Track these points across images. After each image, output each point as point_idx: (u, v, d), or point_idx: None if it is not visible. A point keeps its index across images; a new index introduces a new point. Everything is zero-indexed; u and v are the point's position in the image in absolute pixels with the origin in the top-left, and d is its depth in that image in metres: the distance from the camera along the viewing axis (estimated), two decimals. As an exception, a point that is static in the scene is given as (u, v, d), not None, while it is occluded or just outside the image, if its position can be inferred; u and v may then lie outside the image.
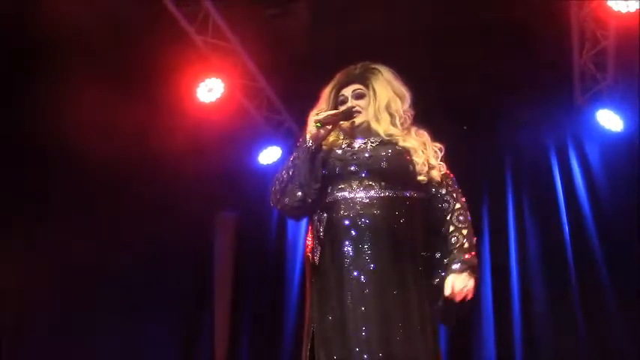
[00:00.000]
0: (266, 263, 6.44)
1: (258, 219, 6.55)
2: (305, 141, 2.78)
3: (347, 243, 2.69)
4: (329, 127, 2.81)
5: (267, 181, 6.30)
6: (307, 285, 2.81)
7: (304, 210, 2.78)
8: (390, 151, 2.81)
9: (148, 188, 5.75)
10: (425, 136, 2.93)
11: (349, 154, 2.83)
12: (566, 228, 5.74)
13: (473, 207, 6.10)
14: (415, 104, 3.01)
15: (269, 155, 6.61)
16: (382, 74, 2.96)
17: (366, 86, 2.94)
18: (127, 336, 5.60)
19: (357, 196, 2.73)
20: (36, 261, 5.16)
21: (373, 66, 3.00)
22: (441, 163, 2.88)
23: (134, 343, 5.62)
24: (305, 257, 2.85)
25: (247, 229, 6.62)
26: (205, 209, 6.42)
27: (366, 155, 2.80)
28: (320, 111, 2.86)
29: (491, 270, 5.82)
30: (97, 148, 5.19)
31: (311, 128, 2.78)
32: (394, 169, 2.78)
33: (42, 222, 5.36)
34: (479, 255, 5.90)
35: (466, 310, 2.77)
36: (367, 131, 2.91)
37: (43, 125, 5.13)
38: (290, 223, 6.43)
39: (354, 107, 2.90)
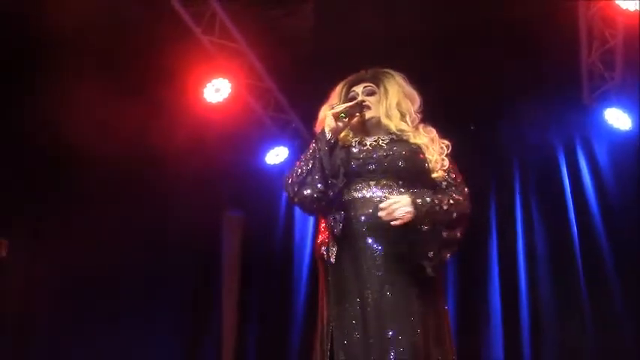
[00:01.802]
0: (273, 263, 6.44)
1: (264, 219, 6.56)
2: (324, 134, 2.79)
3: (365, 242, 2.71)
4: (346, 119, 2.84)
5: (274, 181, 6.39)
6: (321, 284, 2.81)
7: (323, 202, 2.76)
8: (405, 149, 2.85)
9: (153, 188, 5.75)
10: (433, 132, 2.97)
11: (364, 152, 2.86)
12: (575, 227, 5.71)
13: (480, 207, 6.16)
14: (422, 104, 3.05)
15: (276, 155, 6.61)
16: (394, 77, 3.03)
17: (377, 85, 3.00)
18: (132, 336, 5.59)
19: (374, 195, 2.76)
20: (36, 261, 5.17)
21: (385, 70, 3.07)
22: (445, 158, 2.90)
23: (139, 343, 5.62)
24: (318, 257, 2.84)
25: (254, 229, 6.63)
26: (212, 209, 6.42)
27: (383, 154, 2.83)
28: (330, 108, 2.88)
29: (499, 270, 5.81)
30: (102, 149, 5.20)
31: (329, 121, 2.81)
32: (411, 168, 2.82)
33: (42, 222, 5.36)
34: (487, 255, 5.92)
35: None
36: (377, 127, 2.95)
37: (44, 125, 5.14)
38: (297, 223, 6.43)
39: (364, 101, 2.94)
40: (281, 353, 6.05)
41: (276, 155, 6.61)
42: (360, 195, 2.77)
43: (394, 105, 2.93)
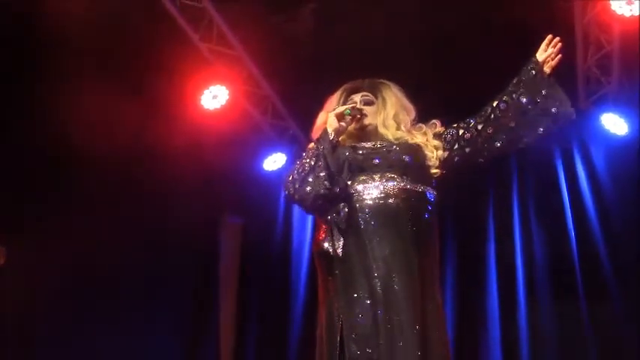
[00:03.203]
0: (272, 266, 6.46)
1: (263, 224, 6.58)
2: (326, 134, 2.80)
3: (370, 232, 2.72)
4: (348, 120, 2.86)
5: (273, 188, 6.40)
6: (326, 278, 2.80)
7: (328, 199, 2.74)
8: (407, 146, 2.89)
9: (153, 194, 5.75)
10: (423, 127, 3.02)
11: (367, 149, 2.90)
12: (572, 232, 5.72)
13: (478, 211, 6.13)
14: (420, 109, 3.09)
15: (274, 162, 6.62)
16: (391, 89, 3.06)
17: (375, 96, 3.03)
18: (132, 336, 5.60)
19: (379, 186, 2.78)
20: (36, 261, 5.17)
21: (381, 80, 3.09)
22: (436, 122, 3.01)
23: (139, 343, 5.62)
24: (320, 253, 2.82)
25: (252, 235, 6.65)
26: (210, 215, 6.43)
27: (386, 150, 2.87)
28: (331, 111, 2.91)
29: (497, 276, 5.81)
30: (101, 153, 5.21)
31: (332, 122, 2.82)
32: (415, 163, 2.86)
33: (42, 222, 5.36)
34: (484, 258, 5.91)
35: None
36: (374, 135, 2.98)
37: (45, 125, 5.17)
38: (296, 227, 6.44)
39: (362, 110, 2.96)
40: (280, 354, 6.06)
41: (274, 162, 6.62)
42: (362, 187, 2.79)
43: (391, 116, 2.97)
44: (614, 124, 5.82)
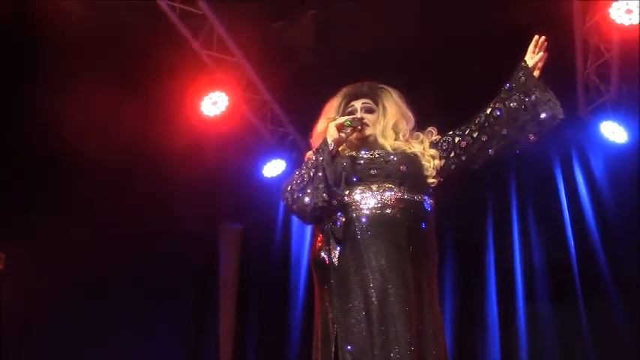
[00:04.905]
0: (271, 269, 6.48)
1: (262, 230, 6.59)
2: (326, 144, 2.81)
3: (367, 242, 2.72)
4: (348, 130, 2.86)
5: (272, 194, 6.40)
6: (322, 287, 2.79)
7: (326, 211, 2.75)
8: (404, 156, 2.89)
9: (153, 199, 5.77)
10: (420, 135, 3.02)
11: (365, 160, 2.89)
12: (571, 239, 5.72)
13: (477, 219, 6.12)
14: (418, 116, 3.08)
15: (273, 168, 6.62)
16: (391, 94, 3.05)
17: (376, 102, 3.03)
18: (132, 339, 5.61)
19: (376, 196, 2.78)
20: (36, 266, 5.18)
21: (381, 85, 3.09)
22: (432, 130, 3.01)
23: (139, 346, 5.63)
24: (317, 262, 2.82)
25: (252, 241, 6.67)
26: (210, 220, 6.44)
27: (384, 160, 2.87)
28: (331, 120, 2.91)
29: (496, 281, 5.81)
30: (101, 159, 5.23)
31: (332, 132, 2.83)
32: (412, 172, 2.85)
33: (41, 226, 5.36)
34: (483, 265, 5.91)
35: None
36: (374, 145, 2.98)
37: (46, 131, 5.19)
38: (295, 233, 6.45)
39: (363, 119, 2.96)
40: (280, 358, 6.06)
41: (274, 168, 6.62)
42: (360, 197, 2.79)
43: (390, 125, 2.97)
44: (613, 132, 5.83)
